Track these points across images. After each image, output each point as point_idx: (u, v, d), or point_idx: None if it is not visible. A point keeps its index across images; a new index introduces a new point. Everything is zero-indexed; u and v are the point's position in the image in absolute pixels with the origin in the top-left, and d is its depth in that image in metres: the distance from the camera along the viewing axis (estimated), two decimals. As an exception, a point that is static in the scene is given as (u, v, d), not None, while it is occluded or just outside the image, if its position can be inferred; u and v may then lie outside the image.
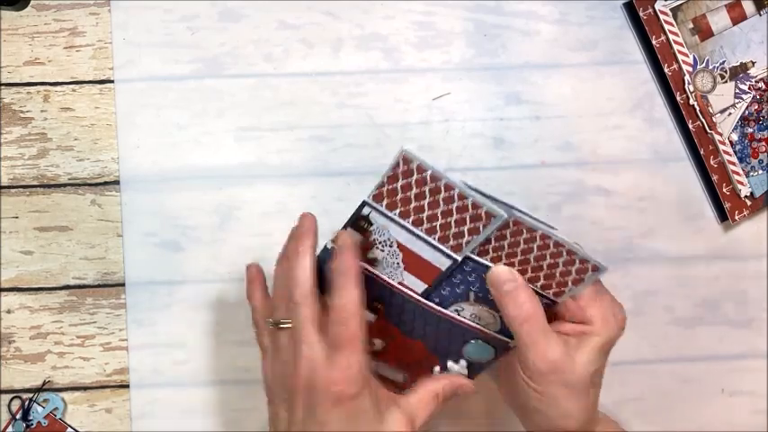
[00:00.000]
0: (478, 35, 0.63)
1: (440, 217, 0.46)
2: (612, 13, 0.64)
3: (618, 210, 0.63)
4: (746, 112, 0.64)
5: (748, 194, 0.63)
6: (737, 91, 0.63)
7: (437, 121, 0.63)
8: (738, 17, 0.64)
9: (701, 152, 0.63)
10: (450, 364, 0.51)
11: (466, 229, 0.46)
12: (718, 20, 0.63)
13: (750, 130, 0.64)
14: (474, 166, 0.63)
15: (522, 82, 0.63)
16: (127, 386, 0.61)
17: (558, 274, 0.47)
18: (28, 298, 0.61)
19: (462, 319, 0.49)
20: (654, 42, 0.63)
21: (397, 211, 0.46)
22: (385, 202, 0.46)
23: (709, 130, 0.63)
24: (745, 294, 0.63)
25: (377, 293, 0.49)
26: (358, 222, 0.47)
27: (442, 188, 0.45)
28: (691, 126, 0.63)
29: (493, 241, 0.47)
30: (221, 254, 0.61)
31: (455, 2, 0.63)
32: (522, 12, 0.63)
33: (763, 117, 0.64)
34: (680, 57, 0.63)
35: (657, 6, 0.63)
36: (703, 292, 0.63)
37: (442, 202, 0.46)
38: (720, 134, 0.63)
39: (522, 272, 0.47)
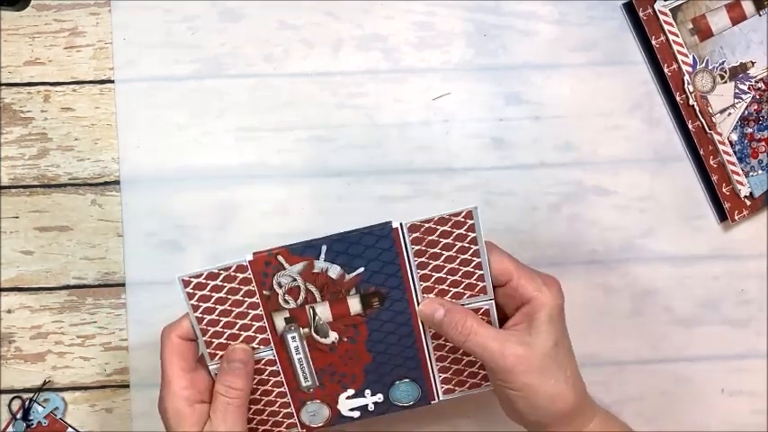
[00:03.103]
0: (478, 35, 0.63)
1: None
2: (612, 13, 0.64)
3: (618, 210, 0.63)
4: (746, 112, 0.64)
5: (748, 194, 0.63)
6: (737, 91, 0.64)
7: (437, 121, 0.63)
8: (738, 17, 0.64)
9: (701, 152, 0.63)
10: (367, 392, 0.53)
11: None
12: (718, 20, 0.64)
13: (750, 130, 0.64)
14: (474, 166, 0.63)
15: (522, 82, 0.63)
16: (127, 386, 0.61)
17: (468, 374, 0.54)
18: (28, 298, 0.61)
19: (427, 348, 0.52)
20: (653, 42, 0.63)
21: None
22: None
23: (708, 131, 0.63)
24: (745, 294, 0.63)
25: (390, 287, 0.50)
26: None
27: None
28: (690, 126, 0.63)
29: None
30: (221, 254, 0.61)
31: (455, 2, 0.63)
32: (522, 12, 0.63)
33: (763, 117, 0.64)
34: (679, 57, 0.63)
35: (657, 6, 0.63)
36: (703, 292, 0.63)
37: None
38: (720, 134, 0.63)
39: (454, 359, 0.53)
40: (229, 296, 0.50)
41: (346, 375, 0.53)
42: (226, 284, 0.49)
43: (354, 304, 0.51)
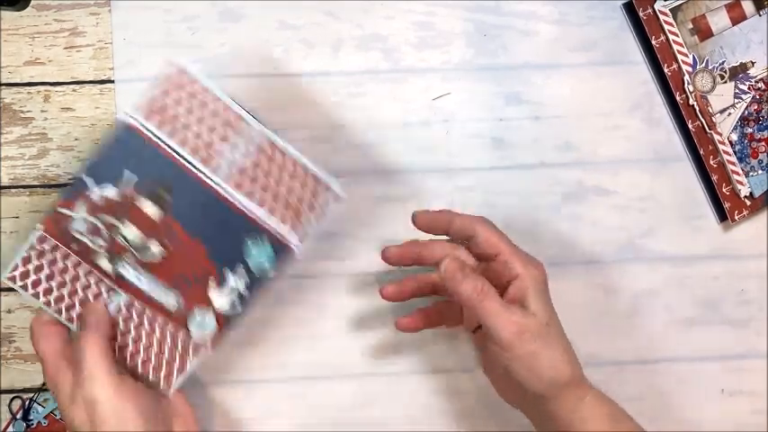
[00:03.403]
0: (478, 35, 0.63)
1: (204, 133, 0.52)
2: (612, 13, 0.64)
3: (618, 210, 0.63)
4: (746, 112, 0.64)
5: (748, 194, 0.63)
6: (737, 91, 0.64)
7: (437, 121, 0.63)
8: (738, 17, 0.64)
9: (701, 152, 0.63)
10: (228, 274, 0.52)
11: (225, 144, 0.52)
12: (718, 20, 0.64)
13: (750, 130, 0.64)
14: (474, 166, 0.63)
15: (522, 82, 0.63)
16: (127, 386, 0.61)
17: (297, 200, 0.53)
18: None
19: (242, 205, 0.52)
20: (653, 42, 0.63)
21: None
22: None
23: (708, 130, 0.63)
24: (745, 294, 0.63)
25: (168, 175, 0.52)
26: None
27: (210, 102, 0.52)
28: (690, 126, 0.63)
29: (249, 171, 0.52)
30: (221, 254, 0.61)
31: (455, 2, 0.63)
32: (522, 12, 0.63)
33: (763, 117, 0.64)
34: (679, 57, 0.63)
35: (657, 6, 0.63)
36: (703, 292, 0.63)
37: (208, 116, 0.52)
38: (720, 134, 0.63)
39: (274, 199, 0.52)
40: (53, 268, 0.51)
41: (198, 272, 0.52)
42: (43, 260, 0.51)
43: (150, 209, 0.51)
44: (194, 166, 0.51)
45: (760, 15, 0.64)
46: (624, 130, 0.63)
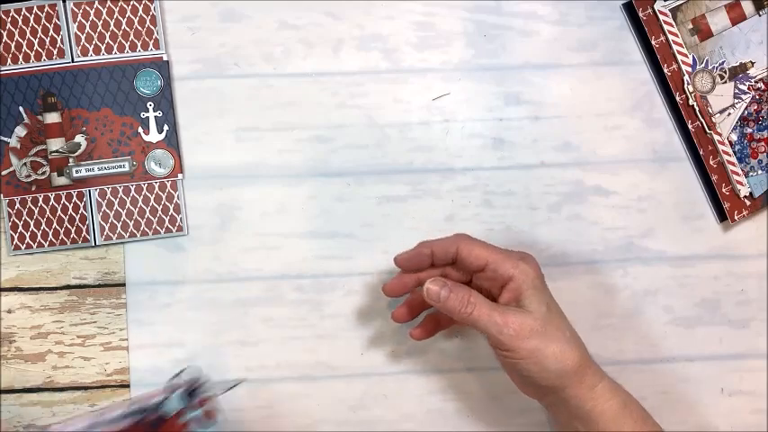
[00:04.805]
0: (478, 35, 0.63)
1: None
2: (612, 13, 0.64)
3: (618, 210, 0.63)
4: (746, 112, 0.64)
5: (747, 194, 0.63)
6: (737, 91, 0.64)
7: (437, 121, 0.63)
8: (738, 17, 0.64)
9: (701, 152, 0.63)
10: (143, 114, 0.60)
11: None
12: (718, 20, 0.64)
13: (749, 130, 0.64)
14: (474, 166, 0.63)
15: (522, 82, 0.63)
16: (127, 386, 0.61)
17: (132, 24, 0.61)
18: (28, 298, 0.61)
19: (103, 60, 0.60)
20: (653, 43, 0.63)
21: None
22: None
23: (708, 131, 0.63)
24: (744, 294, 0.63)
25: (39, 85, 0.59)
26: None
27: None
28: (690, 126, 0.63)
29: (84, 34, 0.60)
30: (221, 254, 0.61)
31: (455, 2, 0.63)
32: (522, 12, 0.63)
33: (763, 117, 0.64)
34: (679, 57, 0.63)
35: (657, 7, 0.63)
36: (703, 292, 0.63)
37: None
38: (720, 134, 0.63)
39: (115, 38, 0.60)
40: (34, 216, 0.59)
41: (124, 131, 0.59)
42: (24, 217, 0.59)
43: (52, 116, 0.59)
44: (47, 65, 0.58)
45: (760, 15, 0.64)
46: (624, 130, 0.64)
